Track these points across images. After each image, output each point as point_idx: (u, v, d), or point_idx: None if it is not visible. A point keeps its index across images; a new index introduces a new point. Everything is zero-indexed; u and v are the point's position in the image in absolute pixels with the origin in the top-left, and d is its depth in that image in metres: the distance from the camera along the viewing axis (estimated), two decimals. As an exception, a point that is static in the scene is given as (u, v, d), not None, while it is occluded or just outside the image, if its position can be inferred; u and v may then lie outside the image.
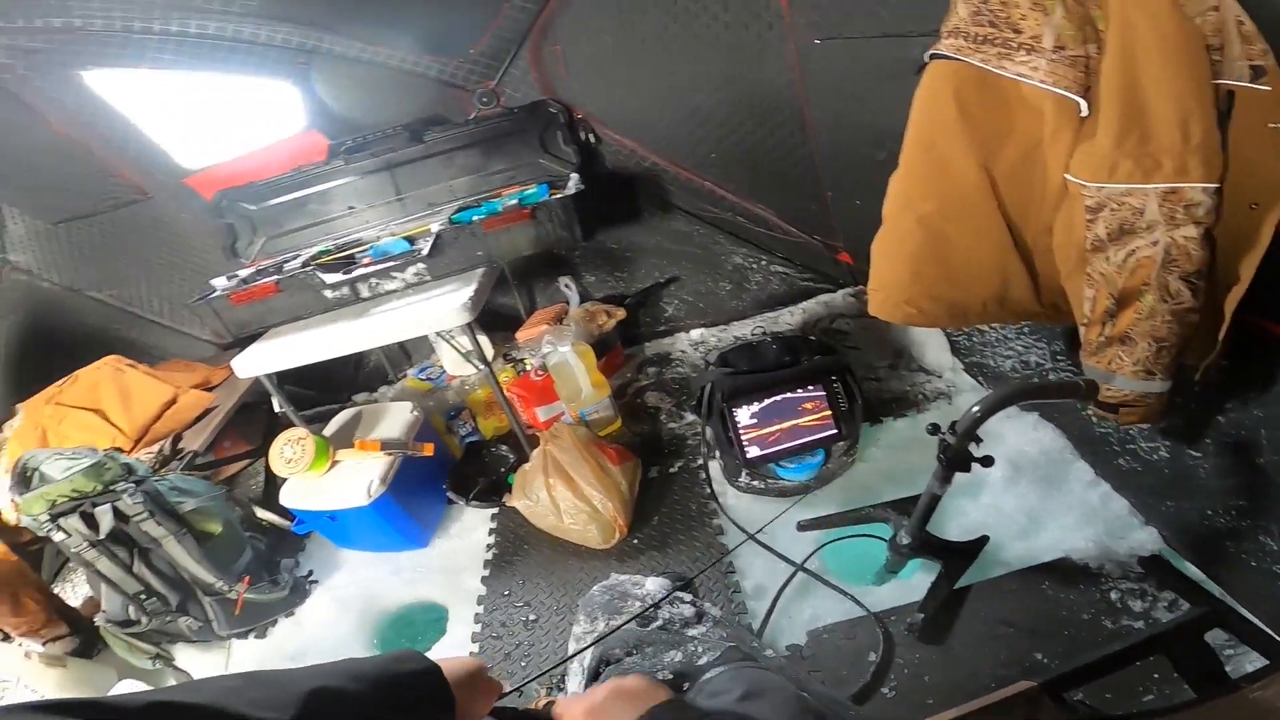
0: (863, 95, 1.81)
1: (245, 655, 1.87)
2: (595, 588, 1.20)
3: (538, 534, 1.91)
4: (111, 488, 1.66)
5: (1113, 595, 1.39)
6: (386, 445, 1.91)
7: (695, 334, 2.66)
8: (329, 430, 2.10)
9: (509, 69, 2.14)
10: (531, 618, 1.71)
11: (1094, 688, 1.17)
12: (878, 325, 2.36)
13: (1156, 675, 1.21)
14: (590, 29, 2.03)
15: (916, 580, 1.53)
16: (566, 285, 2.61)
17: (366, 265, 1.95)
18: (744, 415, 1.71)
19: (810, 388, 1.71)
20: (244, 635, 1.89)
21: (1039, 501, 1.63)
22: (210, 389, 2.32)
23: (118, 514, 1.66)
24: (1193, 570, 1.40)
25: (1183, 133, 0.94)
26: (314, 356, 1.93)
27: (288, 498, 1.95)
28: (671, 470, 2.04)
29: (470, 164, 2.26)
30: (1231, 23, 0.91)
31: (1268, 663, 1.10)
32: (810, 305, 2.57)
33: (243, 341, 2.09)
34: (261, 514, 2.13)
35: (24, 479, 1.67)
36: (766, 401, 1.72)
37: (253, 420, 2.50)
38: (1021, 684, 0.95)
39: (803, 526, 1.63)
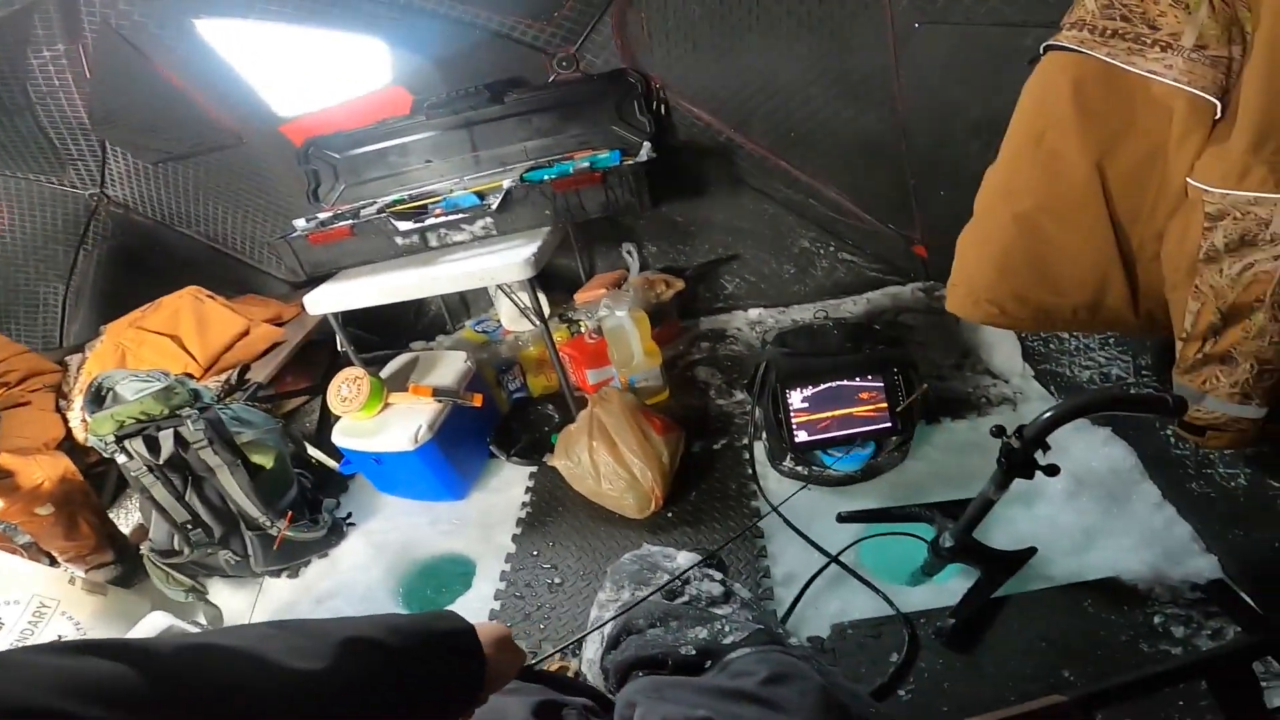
0: (963, 83, 1.74)
1: (276, 594, 1.90)
2: (625, 556, 1.20)
3: (574, 497, 1.93)
4: (177, 413, 1.71)
5: (1156, 619, 1.32)
6: (438, 392, 1.96)
7: (753, 313, 2.61)
8: (385, 372, 2.16)
9: (591, 34, 2.13)
10: (557, 581, 1.72)
11: (1123, 710, 1.11)
12: (946, 323, 2.27)
13: (1182, 702, 1.15)
14: (678, -1, 1.99)
15: (953, 585, 1.47)
16: (628, 252, 2.60)
17: (437, 216, 2.00)
18: (796, 398, 1.67)
19: (869, 377, 1.66)
20: (277, 573, 1.93)
21: (1098, 519, 1.55)
22: (280, 324, 2.42)
23: (179, 439, 1.70)
24: (1246, 601, 1.31)
25: None
26: (379, 299, 1.99)
27: (339, 437, 2.02)
28: (715, 447, 2.02)
29: (545, 126, 2.28)
30: None
31: None
32: (876, 296, 2.49)
33: (315, 281, 2.17)
34: (312, 451, 2.22)
35: (98, 397, 1.73)
36: (822, 386, 1.67)
37: (316, 358, 2.60)
38: (1051, 698, 0.91)
39: (843, 518, 1.59)
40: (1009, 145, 1.16)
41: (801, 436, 1.69)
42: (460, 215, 1.94)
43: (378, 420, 1.98)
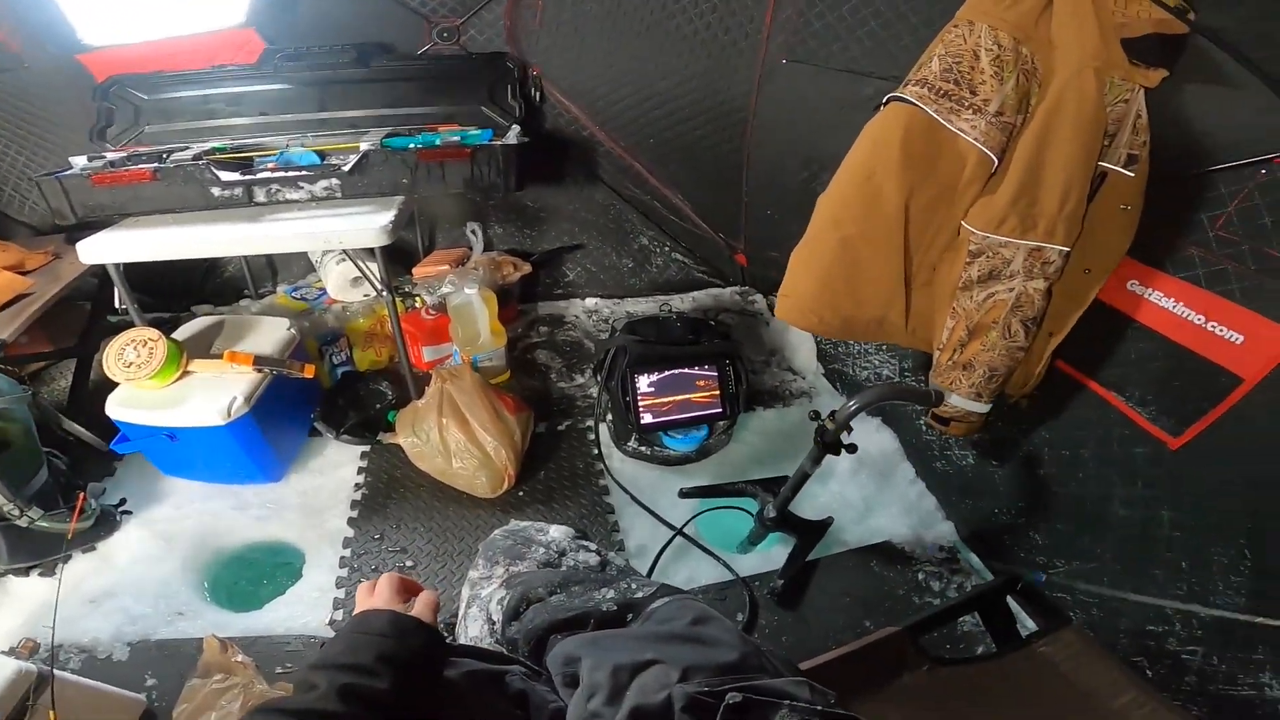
0: (806, 120, 1.98)
1: (27, 595, 1.56)
2: (496, 532, 1.18)
3: (416, 476, 1.86)
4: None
5: (920, 576, 1.67)
6: (261, 361, 1.74)
7: (590, 302, 2.71)
8: (179, 336, 1.85)
9: (482, 10, 2.08)
10: (409, 564, 1.65)
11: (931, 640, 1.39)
12: (756, 324, 2.59)
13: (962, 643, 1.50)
14: (578, -8, 2.02)
15: (774, 552, 1.72)
16: (473, 231, 2.53)
17: (271, 170, 1.78)
18: (644, 383, 1.81)
19: (707, 366, 1.85)
20: (25, 572, 1.59)
21: (874, 492, 1.90)
22: (24, 274, 1.93)
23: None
24: (975, 560, 1.71)
25: (1061, 202, 1.13)
26: (186, 252, 1.73)
27: (118, 409, 1.68)
28: (559, 428, 2.08)
29: (409, 97, 2.17)
30: (1132, 115, 1.11)
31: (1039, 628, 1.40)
32: (701, 295, 2.74)
33: (80, 229, 1.81)
34: (70, 426, 1.81)
35: None
36: (666, 373, 1.83)
37: (62, 318, 2.12)
38: (889, 629, 1.14)
39: (685, 493, 1.76)
40: (842, 178, 1.31)
41: (648, 418, 1.83)
42: (299, 173, 1.75)
43: (174, 390, 1.70)
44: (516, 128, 2.04)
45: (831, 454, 1.46)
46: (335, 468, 1.92)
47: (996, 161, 1.17)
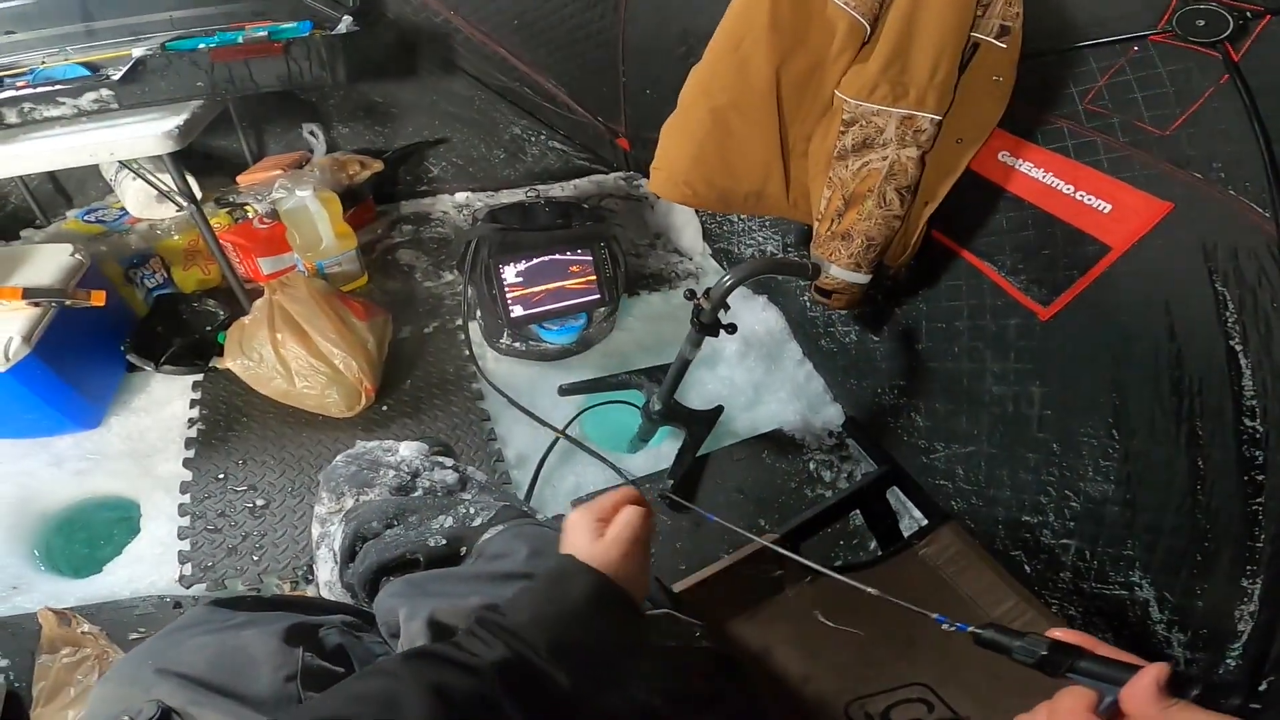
0: None
1: None
2: (338, 458, 1.04)
3: (260, 402, 1.64)
4: None
5: (811, 465, 1.65)
6: (32, 293, 1.44)
7: (460, 196, 2.47)
8: (-69, 275, 1.51)
9: None
10: (260, 503, 1.48)
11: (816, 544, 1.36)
12: (641, 208, 2.45)
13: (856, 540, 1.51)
14: None
15: (665, 448, 1.65)
16: (311, 133, 2.23)
17: (20, 89, 1.47)
18: (510, 273, 1.65)
19: (579, 251, 1.71)
20: None
21: (763, 376, 1.84)
22: None
23: None
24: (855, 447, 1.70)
25: (932, 70, 1.09)
26: None
27: None
28: (426, 331, 1.90)
29: None
30: None
31: (927, 522, 1.39)
32: (582, 183, 2.55)
33: None
34: None
35: None
36: (535, 261, 1.67)
37: None
38: (769, 536, 1.08)
39: (564, 390, 1.65)
40: (712, 48, 1.25)
41: (517, 311, 1.68)
42: (58, 87, 1.46)
43: (-69, 334, 1.39)
44: (348, 18, 1.78)
45: (710, 335, 1.37)
46: (163, 404, 1.68)
47: (869, 29, 1.13)
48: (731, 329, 1.38)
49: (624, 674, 0.57)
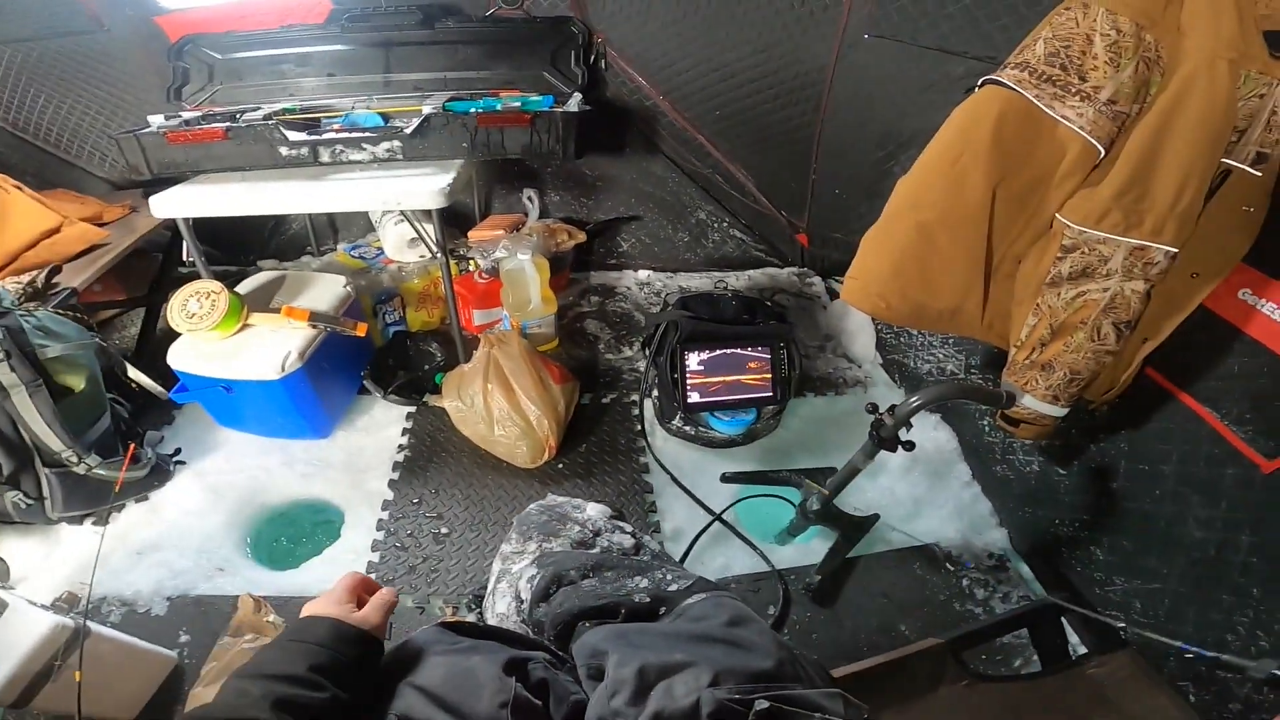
0: (886, 99, 1.87)
1: (78, 544, 1.59)
2: (532, 506, 1.15)
3: (459, 441, 1.86)
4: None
5: (964, 582, 1.58)
6: (316, 317, 1.76)
7: (643, 274, 2.67)
8: (241, 289, 1.90)
9: None
10: (443, 531, 1.65)
11: (975, 651, 1.34)
12: (813, 307, 2.50)
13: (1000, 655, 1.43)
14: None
15: (813, 545, 1.66)
16: (529, 198, 2.52)
17: (336, 131, 1.80)
18: (694, 360, 1.76)
19: (759, 348, 1.78)
20: (79, 520, 1.62)
21: (925, 492, 1.81)
22: (101, 225, 2.02)
23: (-37, 350, 1.35)
24: (1025, 570, 1.61)
25: (1175, 199, 1.03)
26: (251, 209, 1.78)
27: (179, 359, 1.73)
28: (604, 400, 2.06)
29: (471, 60, 2.16)
30: (1267, 111, 1.00)
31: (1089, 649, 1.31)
32: (756, 274, 2.66)
33: (153, 184, 1.87)
34: (134, 373, 1.86)
35: None
36: (717, 352, 1.77)
37: (136, 268, 2.23)
38: (930, 640, 1.08)
39: (726, 479, 1.72)
40: (926, 161, 1.23)
41: (694, 397, 1.78)
42: (363, 134, 1.77)
43: (233, 343, 1.74)
44: (578, 95, 2.00)
45: (888, 450, 1.38)
46: (381, 427, 1.95)
47: (1103, 152, 1.07)
48: (910, 446, 1.37)
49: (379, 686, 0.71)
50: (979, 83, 1.15)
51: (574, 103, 1.92)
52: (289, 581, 1.54)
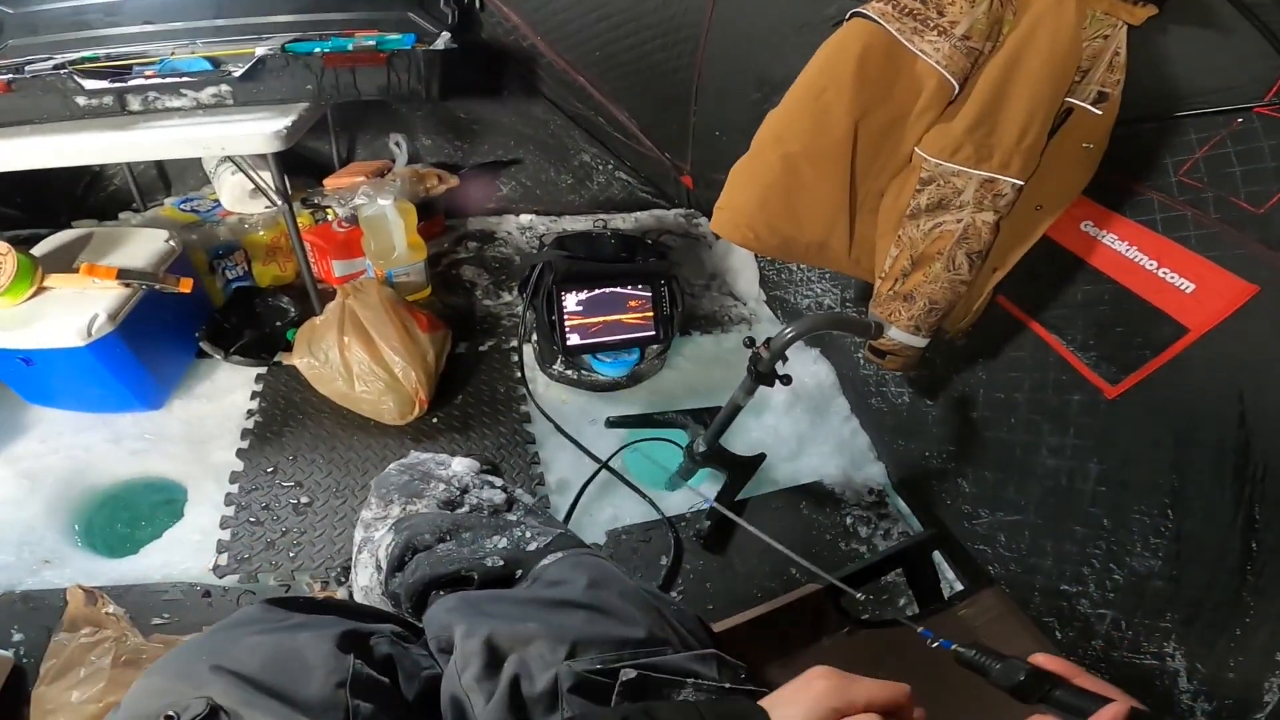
0: (761, 41, 1.82)
1: None
2: (391, 466, 1.07)
3: (318, 401, 1.69)
4: None
5: (848, 520, 1.61)
6: (125, 274, 1.52)
7: (525, 219, 2.54)
8: (39, 250, 1.63)
9: None
10: (304, 500, 1.51)
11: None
12: (699, 247, 2.47)
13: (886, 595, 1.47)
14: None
15: (703, 489, 1.64)
16: (396, 143, 2.32)
17: (149, 78, 1.57)
18: (571, 301, 1.67)
19: (640, 286, 1.72)
20: None
21: (808, 428, 1.82)
22: None
23: None
24: (903, 505, 1.67)
25: (1021, 134, 1.06)
26: (46, 161, 1.49)
27: (-36, 332, 1.46)
28: (481, 349, 1.94)
29: (326, 2, 1.96)
30: (1110, 51, 1.03)
31: (963, 585, 1.37)
32: (643, 216, 2.60)
33: None
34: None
35: None
36: (596, 291, 1.69)
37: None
38: (808, 587, 1.07)
39: (611, 423, 1.66)
40: (792, 95, 1.24)
41: (574, 339, 1.70)
42: (183, 79, 1.56)
43: (28, 308, 1.48)
44: (446, 34, 1.86)
45: (765, 385, 1.37)
46: (225, 393, 1.74)
47: (957, 88, 1.10)
48: (787, 380, 1.37)
49: None
50: (847, 15, 1.14)
51: (442, 41, 1.79)
52: (129, 568, 1.37)
